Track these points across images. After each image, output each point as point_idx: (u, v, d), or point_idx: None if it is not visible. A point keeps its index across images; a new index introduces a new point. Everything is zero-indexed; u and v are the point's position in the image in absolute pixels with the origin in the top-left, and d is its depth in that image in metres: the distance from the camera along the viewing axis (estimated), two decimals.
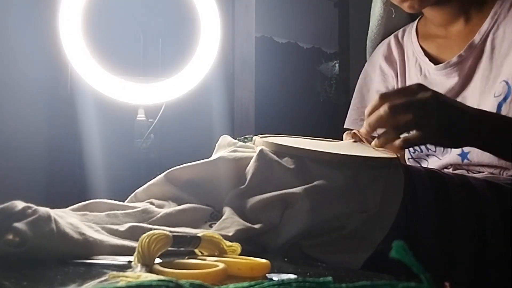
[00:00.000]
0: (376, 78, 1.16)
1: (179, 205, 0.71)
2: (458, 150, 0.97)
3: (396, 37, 1.14)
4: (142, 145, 1.53)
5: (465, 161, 0.96)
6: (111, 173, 1.65)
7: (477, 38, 0.97)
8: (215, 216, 0.70)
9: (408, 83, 1.10)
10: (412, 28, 1.12)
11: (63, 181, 1.67)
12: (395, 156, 0.77)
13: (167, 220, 0.65)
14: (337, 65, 3.78)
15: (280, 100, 3.59)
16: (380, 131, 0.79)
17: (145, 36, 1.65)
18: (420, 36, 1.09)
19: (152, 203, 0.72)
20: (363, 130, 0.80)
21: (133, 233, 0.58)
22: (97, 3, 1.52)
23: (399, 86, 1.12)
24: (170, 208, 0.69)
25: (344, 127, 1.15)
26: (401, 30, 1.15)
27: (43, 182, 1.65)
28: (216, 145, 0.84)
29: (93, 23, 1.53)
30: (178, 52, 1.61)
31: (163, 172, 0.78)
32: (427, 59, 1.05)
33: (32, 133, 1.67)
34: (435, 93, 0.77)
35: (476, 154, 0.94)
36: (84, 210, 0.63)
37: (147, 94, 1.51)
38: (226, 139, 0.83)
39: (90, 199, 0.68)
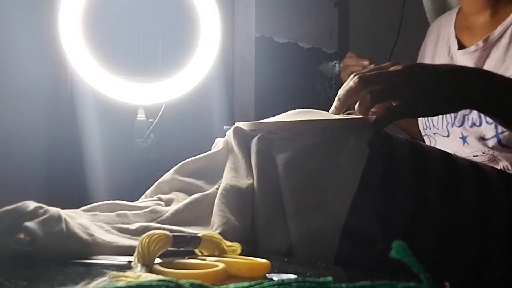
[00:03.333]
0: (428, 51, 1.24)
1: (186, 193, 0.73)
2: (459, 133, 0.99)
3: (440, 20, 1.23)
4: (142, 145, 1.53)
5: (466, 144, 0.99)
6: (111, 173, 1.65)
7: (497, 30, 1.02)
8: None
9: (437, 60, 1.18)
10: (454, 11, 1.19)
11: (63, 181, 1.66)
12: (360, 117, 0.72)
13: (176, 218, 0.66)
14: (337, 65, 3.78)
15: (280, 100, 3.59)
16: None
17: (145, 36, 1.64)
18: (456, 24, 1.16)
19: (160, 199, 0.74)
20: (333, 107, 0.77)
21: (143, 232, 0.58)
22: (97, 3, 1.52)
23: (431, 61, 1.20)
24: (178, 204, 0.70)
25: None
26: (449, 11, 1.24)
27: (43, 182, 1.65)
28: (212, 147, 0.85)
29: (93, 23, 1.53)
30: (178, 52, 1.60)
31: (163, 172, 0.79)
32: (456, 42, 1.12)
33: (32, 133, 1.67)
34: (408, 65, 0.75)
35: (472, 139, 0.96)
36: (96, 211, 0.64)
37: (147, 94, 1.50)
38: (219, 140, 0.84)
39: (90, 199, 0.69)
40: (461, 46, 1.11)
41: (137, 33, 1.64)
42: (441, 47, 1.18)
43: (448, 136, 1.04)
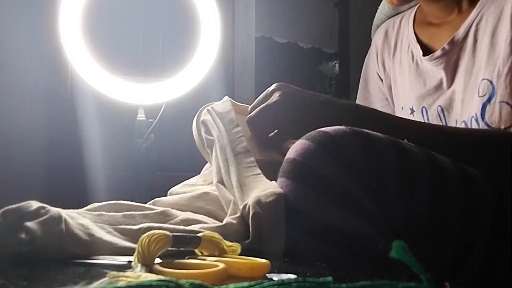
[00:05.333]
0: (373, 64, 1.16)
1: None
2: None
3: (394, 21, 1.13)
4: (142, 145, 1.53)
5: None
6: (111, 173, 1.65)
7: (460, 31, 0.94)
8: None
9: (398, 69, 1.09)
10: (411, 13, 1.09)
11: (63, 181, 1.67)
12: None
13: (187, 223, 0.66)
14: (337, 65, 3.78)
15: None
16: None
17: (145, 36, 1.65)
18: (416, 22, 1.06)
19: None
20: None
21: (146, 233, 0.58)
22: (97, 3, 1.52)
23: (390, 71, 1.11)
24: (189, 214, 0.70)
25: None
26: (401, 14, 1.13)
27: (43, 182, 1.65)
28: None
29: (93, 23, 1.53)
30: (178, 52, 1.61)
31: (163, 172, 0.79)
32: (418, 47, 1.02)
33: (32, 133, 1.67)
34: (288, 95, 0.79)
35: None
36: (101, 210, 0.64)
37: (147, 94, 1.51)
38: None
39: (90, 199, 0.69)
40: (426, 51, 1.00)
41: (137, 33, 1.64)
42: (402, 55, 1.07)
43: None
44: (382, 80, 1.14)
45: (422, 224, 0.66)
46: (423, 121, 0.99)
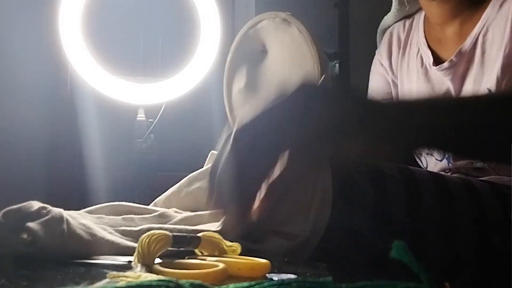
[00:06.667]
0: (380, 58, 1.16)
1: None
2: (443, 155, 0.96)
3: (405, 23, 1.13)
4: (142, 145, 1.53)
5: (450, 165, 0.95)
6: (111, 173, 1.65)
7: (467, 42, 0.95)
8: None
9: (406, 73, 1.09)
10: (420, 16, 1.09)
11: (63, 181, 1.66)
12: None
13: (186, 222, 0.66)
14: (337, 65, 3.78)
15: None
16: None
17: (145, 36, 1.65)
18: (426, 24, 1.07)
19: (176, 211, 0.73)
20: None
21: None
22: (97, 3, 1.52)
23: (398, 70, 1.11)
24: (189, 213, 0.70)
25: None
26: (411, 16, 1.13)
27: (43, 182, 1.64)
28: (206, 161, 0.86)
29: (93, 23, 1.53)
30: (178, 52, 1.61)
31: (163, 172, 0.79)
32: (430, 53, 1.03)
33: (32, 133, 1.67)
34: None
35: (453, 157, 0.93)
36: (101, 212, 0.64)
37: (147, 94, 1.51)
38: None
39: (90, 199, 0.69)
40: (435, 58, 1.01)
41: (137, 33, 1.65)
42: (411, 59, 1.08)
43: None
44: (387, 72, 1.14)
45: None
46: None
